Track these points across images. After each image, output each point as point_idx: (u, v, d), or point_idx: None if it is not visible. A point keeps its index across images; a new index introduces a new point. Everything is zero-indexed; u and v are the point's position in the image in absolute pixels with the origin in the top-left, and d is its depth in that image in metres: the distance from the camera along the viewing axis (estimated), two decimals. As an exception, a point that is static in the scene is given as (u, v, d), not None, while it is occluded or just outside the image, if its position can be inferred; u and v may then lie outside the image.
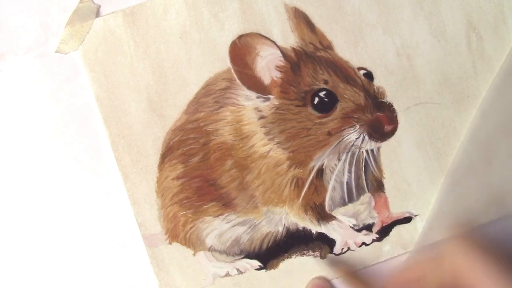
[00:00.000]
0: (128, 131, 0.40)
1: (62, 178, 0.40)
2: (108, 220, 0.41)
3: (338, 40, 0.40)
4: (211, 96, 0.40)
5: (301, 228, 0.41)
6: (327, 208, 0.41)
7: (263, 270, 0.41)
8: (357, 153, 0.40)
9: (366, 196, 0.41)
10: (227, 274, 0.41)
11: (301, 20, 0.40)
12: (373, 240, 0.41)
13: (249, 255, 0.41)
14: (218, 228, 0.41)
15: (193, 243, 0.41)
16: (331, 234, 0.41)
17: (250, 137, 0.40)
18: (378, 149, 0.41)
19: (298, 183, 0.40)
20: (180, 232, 0.40)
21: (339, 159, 0.40)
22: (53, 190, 0.40)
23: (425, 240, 0.40)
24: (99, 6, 0.39)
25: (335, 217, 0.41)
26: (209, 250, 0.41)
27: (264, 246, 0.41)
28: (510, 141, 0.40)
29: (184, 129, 0.40)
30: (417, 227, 0.42)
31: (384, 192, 0.41)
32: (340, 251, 0.41)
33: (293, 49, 0.40)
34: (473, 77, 0.42)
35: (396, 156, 0.41)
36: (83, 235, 0.41)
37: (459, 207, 0.40)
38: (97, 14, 0.39)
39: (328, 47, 0.40)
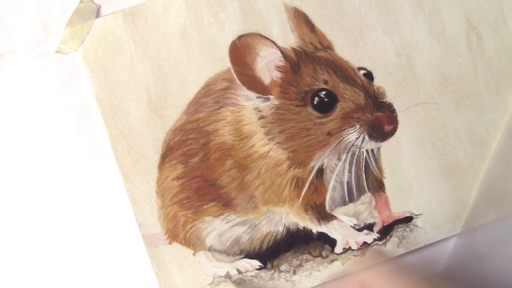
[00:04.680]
0: (128, 131, 0.40)
1: (62, 178, 0.40)
2: (108, 220, 0.40)
3: (338, 40, 0.40)
4: (211, 96, 0.40)
5: (301, 228, 0.41)
6: (327, 207, 0.41)
7: (263, 270, 0.41)
8: (357, 153, 0.39)
9: (367, 196, 0.41)
10: (227, 274, 0.41)
11: (301, 20, 0.40)
12: (374, 240, 0.41)
13: (249, 255, 0.41)
14: (218, 228, 0.41)
15: (193, 243, 0.41)
16: (332, 234, 0.41)
17: (250, 137, 0.40)
18: (378, 149, 0.41)
19: (298, 183, 0.40)
20: (180, 232, 0.40)
21: (339, 159, 0.40)
22: (53, 190, 0.40)
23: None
24: (99, 6, 0.40)
25: (335, 217, 0.41)
26: (209, 250, 0.41)
27: (264, 246, 0.41)
28: None
29: (184, 129, 0.40)
30: (418, 226, 0.42)
31: (385, 192, 0.41)
32: (341, 251, 0.41)
33: (293, 49, 0.40)
34: (473, 77, 0.42)
35: (396, 156, 0.41)
36: (83, 235, 0.40)
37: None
38: (97, 15, 0.39)
39: (328, 47, 0.40)
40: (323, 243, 0.41)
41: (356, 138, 0.39)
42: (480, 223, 0.41)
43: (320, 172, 0.40)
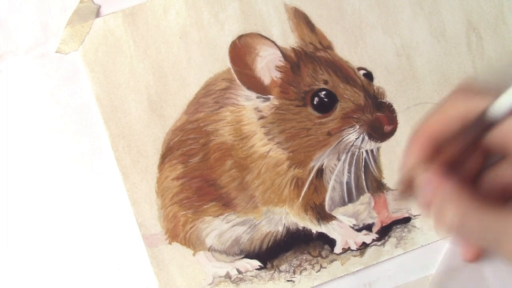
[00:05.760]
0: (128, 131, 0.40)
1: (62, 178, 0.40)
2: (108, 220, 0.41)
3: (338, 40, 0.40)
4: (211, 97, 0.40)
5: (301, 228, 0.41)
6: (327, 208, 0.41)
7: (263, 270, 0.41)
8: (356, 153, 0.40)
9: (366, 196, 0.41)
10: (227, 274, 0.41)
11: (301, 20, 0.40)
12: (373, 240, 0.41)
13: (249, 255, 0.41)
14: (218, 228, 0.41)
15: (193, 243, 0.41)
16: (331, 234, 0.41)
17: (250, 137, 0.40)
18: (378, 149, 0.41)
19: (298, 183, 0.40)
20: (180, 232, 0.40)
21: (338, 159, 0.40)
22: (53, 190, 0.40)
23: None
24: (99, 6, 0.40)
25: (335, 217, 0.41)
26: (209, 250, 0.41)
27: (264, 246, 0.41)
28: None
29: (184, 129, 0.40)
30: (416, 227, 0.42)
31: (384, 192, 0.41)
32: (341, 251, 0.41)
33: (293, 49, 0.40)
34: (473, 77, 0.42)
35: (396, 156, 0.41)
36: (83, 235, 0.41)
37: None
38: (97, 14, 0.39)
39: (328, 47, 0.40)
40: (323, 243, 0.41)
41: (356, 139, 0.39)
42: None
43: (320, 172, 0.40)
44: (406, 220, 0.42)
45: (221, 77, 0.40)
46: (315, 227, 0.41)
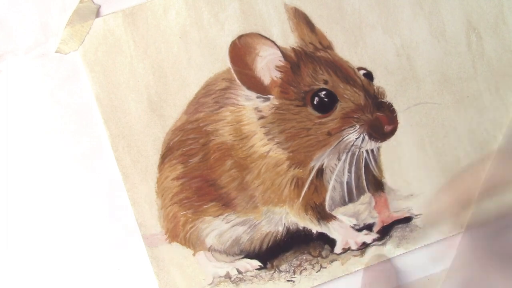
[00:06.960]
0: (128, 131, 0.40)
1: (62, 178, 0.40)
2: (108, 220, 0.41)
3: (338, 40, 0.40)
4: (211, 96, 0.40)
5: (301, 228, 0.41)
6: (327, 208, 0.41)
7: (263, 270, 0.41)
8: (357, 153, 0.39)
9: (366, 196, 0.41)
10: (227, 274, 0.41)
11: (301, 20, 0.40)
12: (374, 240, 0.41)
13: (249, 255, 0.41)
14: (218, 228, 0.41)
15: (193, 243, 0.41)
16: (332, 234, 0.41)
17: (250, 137, 0.40)
18: (378, 149, 0.41)
19: (298, 183, 0.40)
20: (180, 232, 0.40)
21: (339, 159, 0.40)
22: (53, 190, 0.40)
23: None
24: (99, 6, 0.40)
25: (335, 217, 0.41)
26: (209, 250, 0.41)
27: (264, 246, 0.41)
28: None
29: (184, 129, 0.40)
30: (418, 226, 0.42)
31: (384, 192, 0.41)
32: (341, 251, 0.41)
33: (293, 49, 0.40)
34: (473, 77, 0.42)
35: (396, 156, 0.41)
36: (83, 235, 0.41)
37: None
38: (97, 14, 0.39)
39: (328, 47, 0.40)
40: (323, 243, 0.41)
41: (356, 138, 0.39)
42: (481, 223, 0.41)
43: (320, 172, 0.40)
44: (408, 220, 0.42)
45: (221, 77, 0.40)
46: (315, 227, 0.41)
